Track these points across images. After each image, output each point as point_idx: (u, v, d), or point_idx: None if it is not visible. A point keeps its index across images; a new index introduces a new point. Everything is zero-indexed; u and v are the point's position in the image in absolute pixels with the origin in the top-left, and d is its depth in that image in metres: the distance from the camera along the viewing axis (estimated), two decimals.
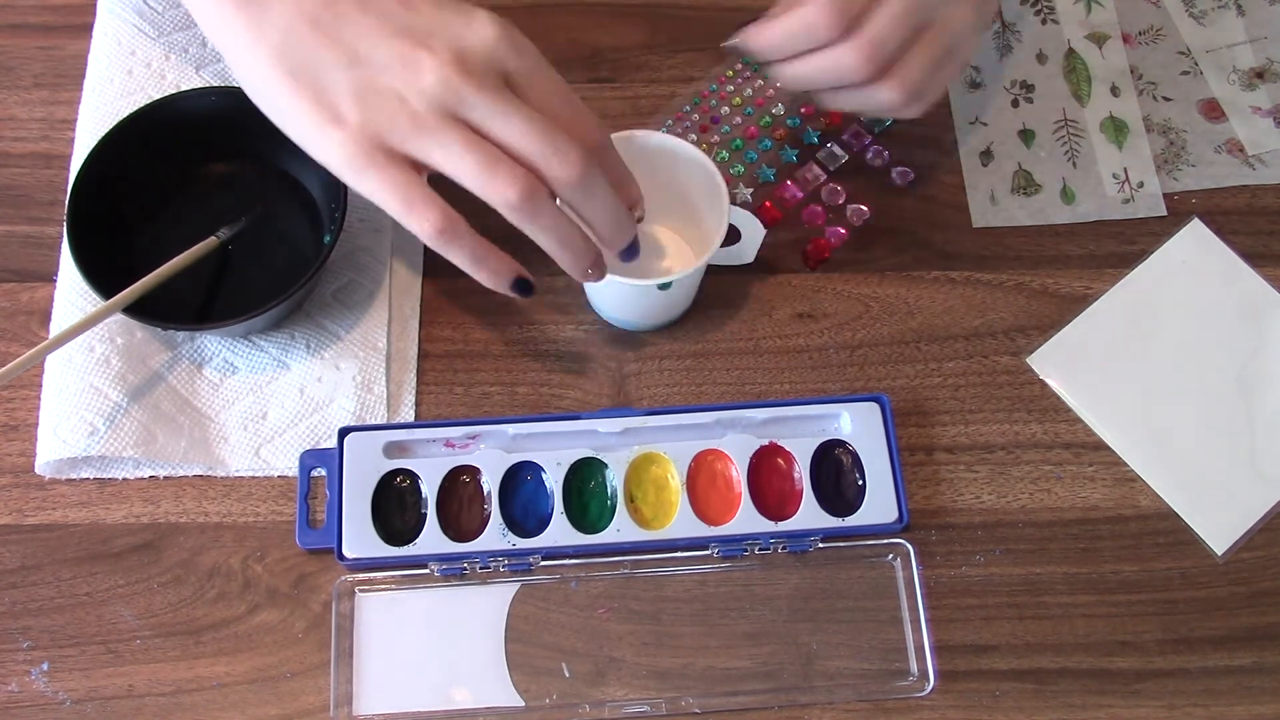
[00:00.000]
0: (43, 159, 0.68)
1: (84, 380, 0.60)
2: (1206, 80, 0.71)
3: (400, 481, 0.60)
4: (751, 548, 0.59)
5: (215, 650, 0.58)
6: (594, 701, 0.57)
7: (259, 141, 0.65)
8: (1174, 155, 0.70)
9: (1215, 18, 0.73)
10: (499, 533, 0.59)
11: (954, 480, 0.62)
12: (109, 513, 0.60)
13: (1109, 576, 0.60)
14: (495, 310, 0.65)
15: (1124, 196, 0.68)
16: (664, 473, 0.60)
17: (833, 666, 0.58)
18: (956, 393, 0.64)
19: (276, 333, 0.64)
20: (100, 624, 0.58)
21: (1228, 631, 0.59)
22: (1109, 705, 0.57)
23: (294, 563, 0.59)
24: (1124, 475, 0.62)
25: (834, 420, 0.61)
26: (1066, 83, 0.72)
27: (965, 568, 0.60)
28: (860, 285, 0.66)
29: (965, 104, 0.71)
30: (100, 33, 0.70)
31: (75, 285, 0.62)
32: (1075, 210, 0.68)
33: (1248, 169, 0.69)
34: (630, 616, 0.59)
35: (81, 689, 0.57)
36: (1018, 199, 0.68)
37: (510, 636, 0.58)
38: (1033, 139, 0.70)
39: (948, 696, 0.57)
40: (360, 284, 0.65)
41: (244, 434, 0.61)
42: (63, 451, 0.59)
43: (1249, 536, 0.61)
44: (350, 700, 0.57)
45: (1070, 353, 0.65)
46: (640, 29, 0.73)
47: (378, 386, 0.63)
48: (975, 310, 0.66)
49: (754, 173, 0.69)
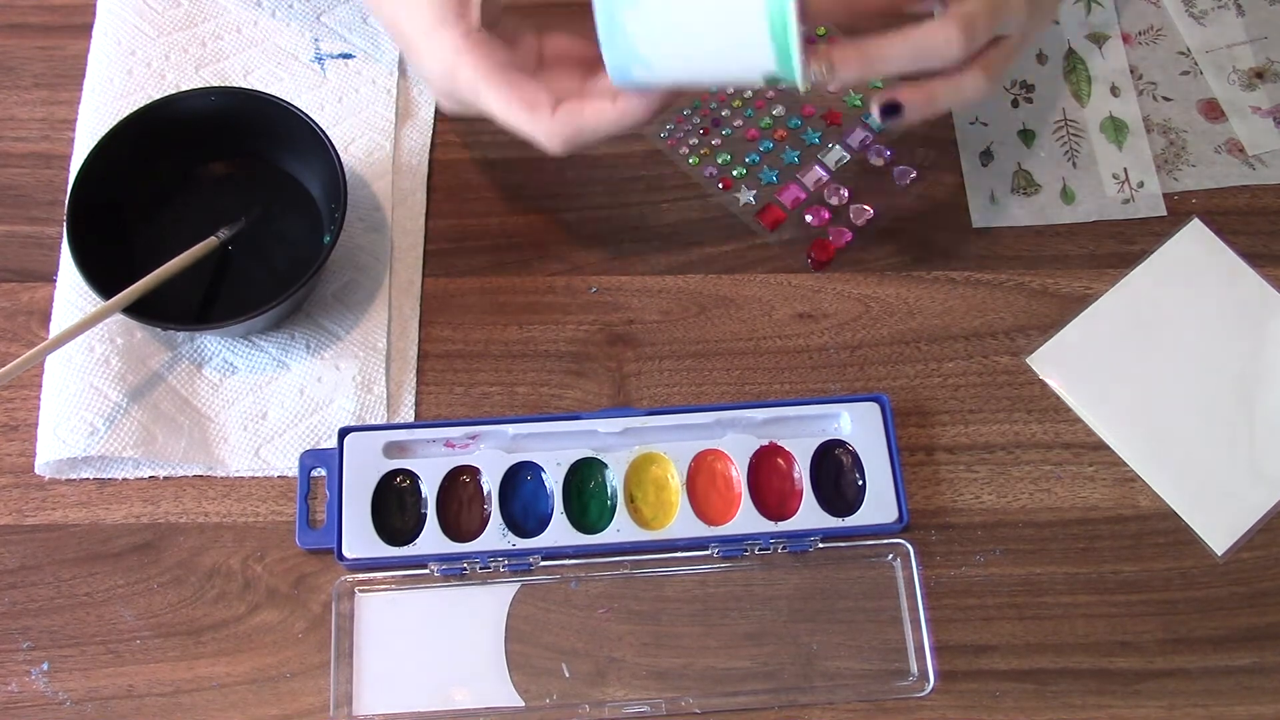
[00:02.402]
0: (43, 159, 0.68)
1: (84, 380, 0.60)
2: (1206, 80, 0.71)
3: (400, 481, 0.60)
4: (751, 548, 0.59)
5: (215, 650, 0.58)
6: (594, 701, 0.57)
7: (259, 141, 0.65)
8: (1174, 155, 0.70)
9: (1215, 18, 0.73)
10: (499, 533, 0.59)
11: (954, 480, 0.62)
12: (109, 513, 0.60)
13: (1109, 576, 0.60)
14: (495, 310, 0.65)
15: (1124, 196, 0.68)
16: (664, 473, 0.60)
17: (833, 666, 0.58)
18: (956, 393, 0.64)
19: (276, 333, 0.64)
20: (100, 624, 0.58)
21: (1227, 631, 0.59)
22: (1109, 705, 0.57)
23: (294, 563, 0.59)
24: (1124, 475, 0.62)
25: (834, 420, 0.61)
26: (1066, 83, 0.72)
27: (965, 568, 0.60)
28: (860, 285, 0.66)
29: None
30: (100, 33, 0.70)
31: (75, 285, 0.62)
32: (1075, 210, 0.68)
33: (1248, 169, 0.69)
34: (630, 616, 0.59)
35: (81, 689, 0.57)
36: (1018, 199, 0.69)
37: (510, 636, 0.58)
38: (1033, 139, 0.70)
39: (948, 696, 0.57)
40: (360, 284, 0.65)
41: (244, 434, 0.61)
42: (63, 451, 0.59)
43: (1249, 536, 0.61)
44: (350, 700, 0.57)
45: (1070, 353, 0.65)
46: None
47: (378, 386, 0.63)
48: (975, 310, 0.66)
49: (756, 174, 0.69)
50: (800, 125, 0.70)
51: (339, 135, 0.67)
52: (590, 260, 0.67)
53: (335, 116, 0.69)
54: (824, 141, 0.70)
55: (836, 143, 0.70)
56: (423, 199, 0.68)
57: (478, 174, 0.69)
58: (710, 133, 0.70)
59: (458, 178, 0.69)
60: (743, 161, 0.69)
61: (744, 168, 0.69)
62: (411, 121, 0.70)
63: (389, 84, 0.70)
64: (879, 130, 0.70)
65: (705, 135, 0.70)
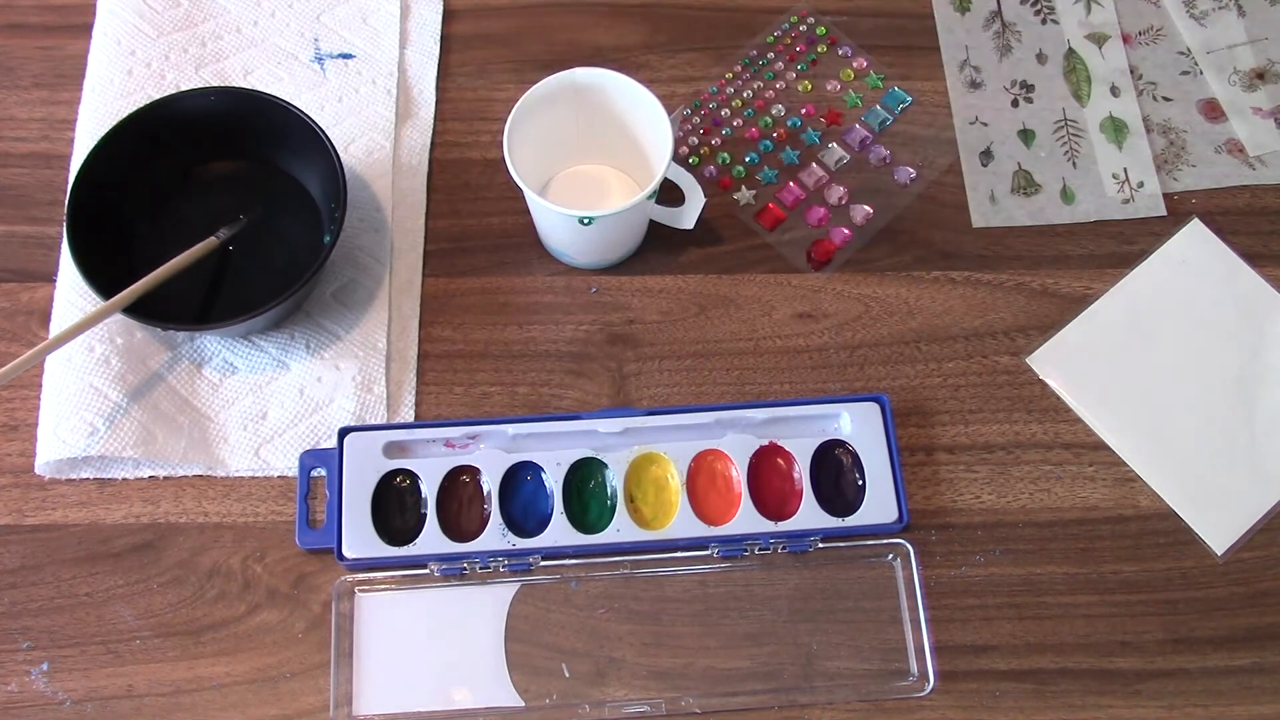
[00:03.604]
0: (43, 159, 0.68)
1: (84, 380, 0.60)
2: (1207, 80, 0.71)
3: (400, 481, 0.60)
4: (751, 548, 0.59)
5: (215, 650, 0.58)
6: (594, 701, 0.57)
7: (259, 141, 0.65)
8: (1174, 155, 0.70)
9: (1216, 18, 0.73)
10: (499, 533, 0.59)
11: (954, 480, 0.62)
12: (109, 513, 0.60)
13: (1109, 576, 0.60)
14: (495, 310, 0.65)
15: (1124, 197, 0.68)
16: (664, 473, 0.60)
17: (833, 666, 0.58)
18: (956, 393, 0.64)
19: (276, 333, 0.64)
20: (100, 624, 0.58)
21: (1228, 631, 0.59)
22: (1109, 705, 0.57)
23: (294, 563, 0.59)
24: (1124, 475, 0.62)
25: (834, 420, 0.61)
26: (1066, 83, 0.72)
27: (965, 568, 0.60)
28: (860, 285, 0.66)
29: (965, 104, 0.71)
30: (100, 33, 0.70)
31: (75, 285, 0.62)
32: (1075, 210, 0.68)
33: (1248, 169, 0.69)
34: (630, 616, 0.59)
35: (81, 689, 0.57)
36: (1018, 199, 0.69)
37: (510, 636, 0.58)
38: (1033, 139, 0.70)
39: (948, 696, 0.57)
40: (360, 284, 0.65)
41: (244, 434, 0.61)
42: (63, 451, 0.59)
43: (1249, 536, 0.61)
44: (350, 700, 0.57)
45: (1070, 353, 0.65)
46: (640, 29, 0.73)
47: (378, 386, 0.63)
48: (975, 310, 0.66)
49: (756, 174, 0.69)
50: (800, 125, 0.70)
51: (339, 135, 0.67)
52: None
53: (335, 116, 0.69)
54: (824, 141, 0.70)
55: (836, 143, 0.70)
56: (423, 199, 0.68)
57: (478, 174, 0.69)
58: (710, 133, 0.70)
59: (458, 178, 0.69)
60: (742, 161, 0.69)
61: (743, 167, 0.69)
62: (411, 121, 0.70)
63: (389, 84, 0.70)
64: (879, 131, 0.70)
65: (705, 135, 0.70)
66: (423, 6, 0.73)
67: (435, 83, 0.71)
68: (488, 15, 0.73)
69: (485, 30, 0.73)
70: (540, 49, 0.72)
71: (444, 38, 0.72)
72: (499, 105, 0.70)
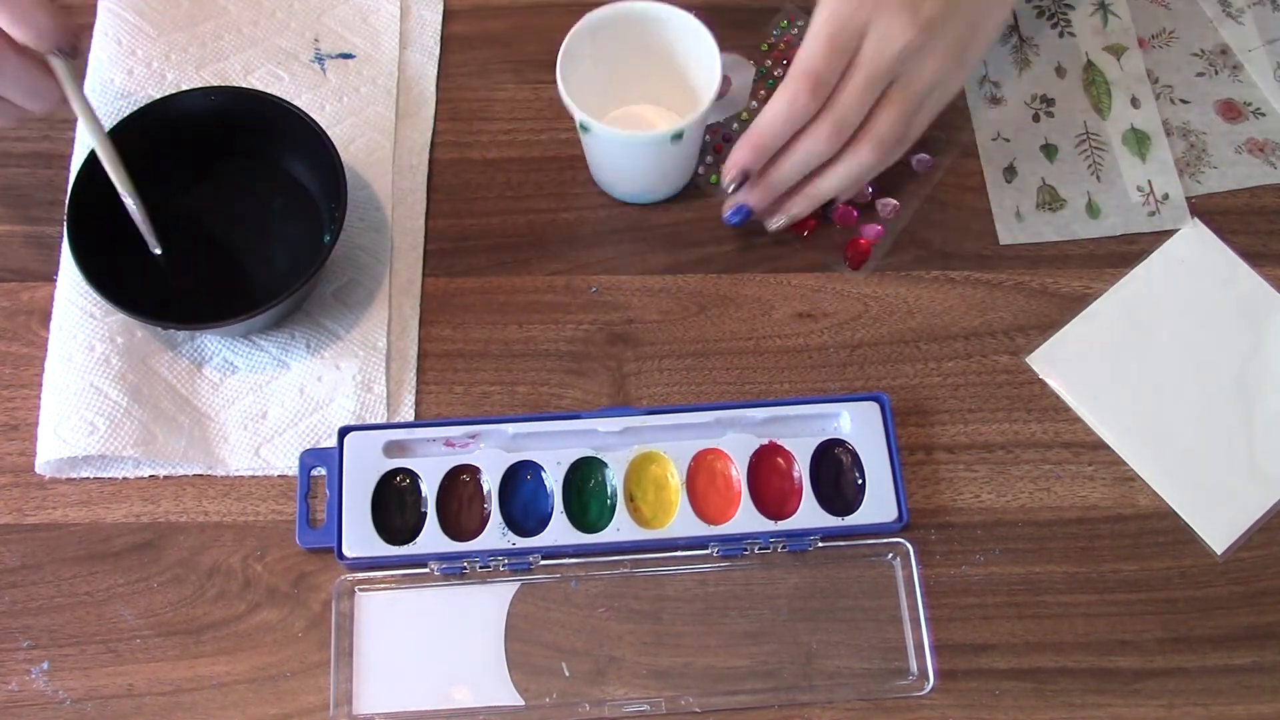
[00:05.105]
0: (43, 159, 0.68)
1: (84, 380, 0.60)
2: (1240, 80, 0.71)
3: (400, 481, 0.60)
4: (751, 547, 0.59)
5: (215, 650, 0.58)
6: (594, 701, 0.57)
7: (259, 141, 0.65)
8: (1195, 158, 0.69)
9: (1254, 15, 0.72)
10: (499, 532, 0.59)
11: (953, 480, 0.62)
12: (109, 512, 0.60)
13: (1108, 576, 0.60)
14: (495, 310, 0.65)
15: (1149, 209, 0.68)
16: (664, 472, 0.60)
17: (832, 666, 0.58)
18: (956, 392, 0.64)
19: (276, 332, 0.64)
20: (100, 623, 0.58)
21: (1227, 631, 0.59)
22: (1109, 704, 0.57)
23: (294, 562, 0.59)
24: (1123, 475, 0.62)
25: (834, 420, 0.61)
26: (1086, 95, 0.71)
27: (965, 567, 0.60)
28: (860, 285, 0.66)
29: (987, 120, 0.70)
30: (100, 33, 0.70)
31: (75, 285, 0.62)
32: (1101, 225, 0.68)
33: (1270, 168, 0.69)
34: (630, 616, 0.59)
35: (81, 688, 0.57)
36: (1044, 215, 0.68)
37: (510, 636, 0.58)
38: (1055, 153, 0.70)
39: (947, 696, 0.57)
40: (360, 284, 0.65)
41: (244, 433, 0.62)
42: (63, 451, 0.59)
43: (1248, 536, 0.61)
44: (350, 699, 0.57)
45: (1070, 352, 0.65)
46: None
47: (378, 386, 0.63)
48: (975, 310, 0.66)
49: None
50: None
51: (339, 135, 0.67)
52: (590, 260, 0.67)
53: (335, 116, 0.69)
54: None
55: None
56: (423, 199, 0.68)
57: (478, 174, 0.69)
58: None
59: (458, 178, 0.69)
60: None
61: None
62: (411, 121, 0.70)
63: (389, 84, 0.70)
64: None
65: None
66: (423, 6, 0.73)
67: (435, 83, 0.71)
68: (488, 15, 0.73)
69: (485, 30, 0.73)
70: (540, 49, 0.72)
71: (444, 38, 0.72)
72: (499, 105, 0.70)
